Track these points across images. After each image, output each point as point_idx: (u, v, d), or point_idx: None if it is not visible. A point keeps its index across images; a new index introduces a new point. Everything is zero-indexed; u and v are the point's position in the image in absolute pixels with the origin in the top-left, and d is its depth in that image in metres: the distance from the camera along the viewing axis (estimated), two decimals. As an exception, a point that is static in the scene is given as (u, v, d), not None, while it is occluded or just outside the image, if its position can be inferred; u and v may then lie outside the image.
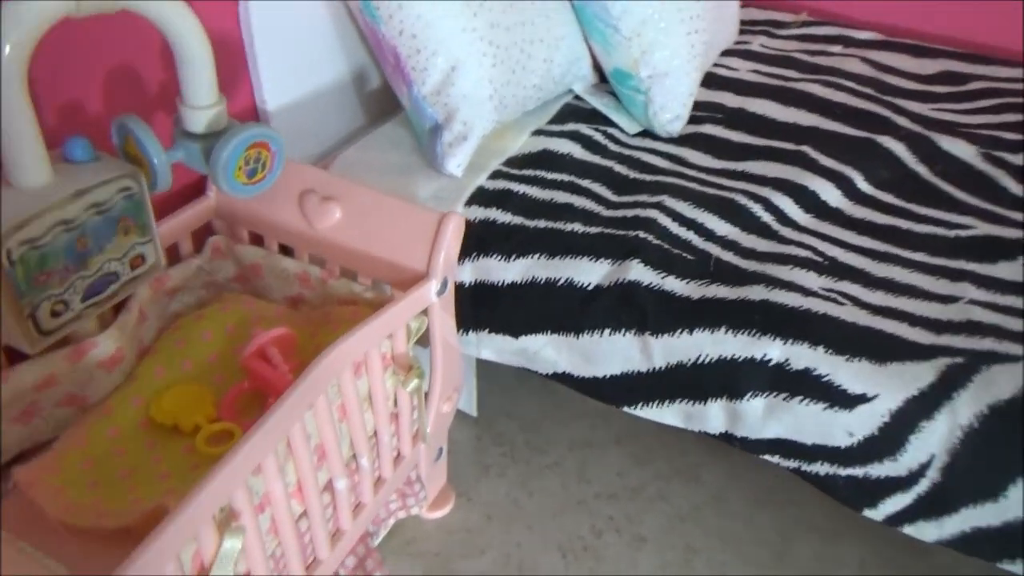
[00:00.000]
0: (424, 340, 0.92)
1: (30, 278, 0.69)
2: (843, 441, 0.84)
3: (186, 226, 0.93)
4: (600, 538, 1.08)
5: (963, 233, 1.03)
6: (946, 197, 1.11)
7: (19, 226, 0.67)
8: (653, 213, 1.01)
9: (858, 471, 0.85)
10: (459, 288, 0.99)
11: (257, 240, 0.98)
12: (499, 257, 0.97)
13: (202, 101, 0.76)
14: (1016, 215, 1.06)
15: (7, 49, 0.62)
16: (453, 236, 0.84)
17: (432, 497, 1.08)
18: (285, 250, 0.97)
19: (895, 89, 1.38)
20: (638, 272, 0.92)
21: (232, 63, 0.99)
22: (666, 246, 0.96)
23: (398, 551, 1.05)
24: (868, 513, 0.87)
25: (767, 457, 0.92)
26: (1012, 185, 1.13)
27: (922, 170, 1.16)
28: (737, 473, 1.18)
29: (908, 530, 0.86)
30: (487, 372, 1.32)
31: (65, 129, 0.82)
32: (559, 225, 0.99)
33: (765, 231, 1.02)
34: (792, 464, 0.90)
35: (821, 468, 0.88)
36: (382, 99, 1.25)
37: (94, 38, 0.83)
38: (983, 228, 1.04)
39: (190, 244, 0.95)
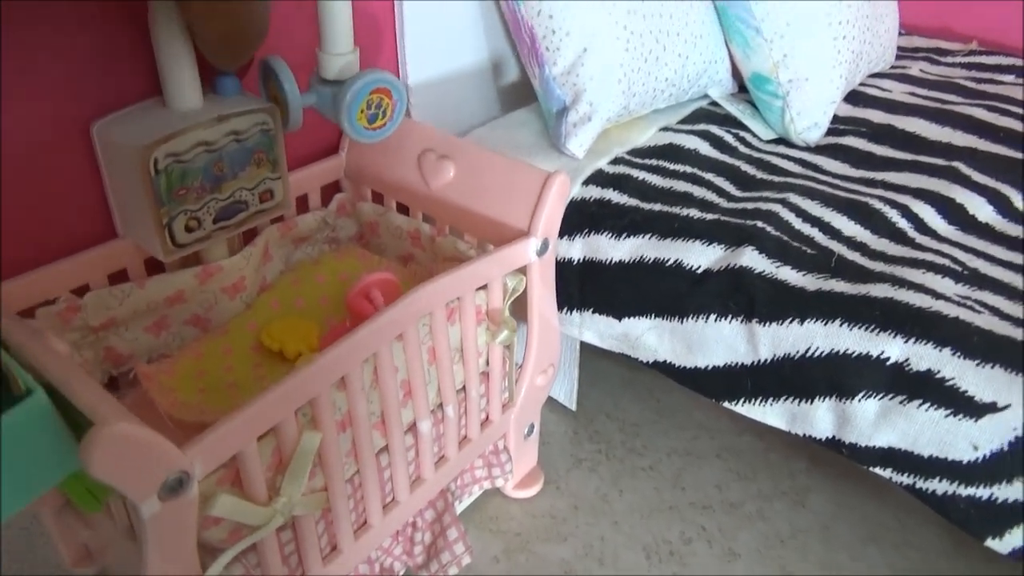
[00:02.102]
0: (523, 315, 0.93)
1: (171, 190, 0.77)
2: (966, 455, 0.76)
3: (317, 179, 1.00)
4: (689, 545, 1.02)
5: None
6: (1122, 224, 0.99)
7: (167, 139, 0.74)
8: (776, 207, 0.97)
9: (982, 492, 0.76)
10: (567, 265, 0.99)
11: (378, 200, 1.03)
12: (610, 235, 0.96)
13: (336, 49, 0.82)
14: None
15: (176, -25, 0.70)
16: (557, 196, 0.85)
17: (519, 475, 1.07)
18: (402, 210, 1.01)
19: (1074, 119, 1.26)
20: (751, 259, 0.89)
21: (382, 37, 1.06)
22: (785, 238, 0.92)
23: (480, 525, 1.04)
24: (992, 544, 0.77)
25: (879, 471, 0.84)
26: None
27: (1096, 197, 1.05)
28: (849, 504, 1.08)
29: (1040, 570, 0.75)
30: (591, 371, 1.30)
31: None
32: (675, 210, 0.97)
33: (899, 236, 0.95)
34: (906, 480, 0.82)
35: (939, 486, 0.79)
36: (518, 92, 1.29)
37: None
38: None
39: (319, 198, 1.02)
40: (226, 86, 0.81)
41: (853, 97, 1.33)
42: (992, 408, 0.74)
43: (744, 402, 0.91)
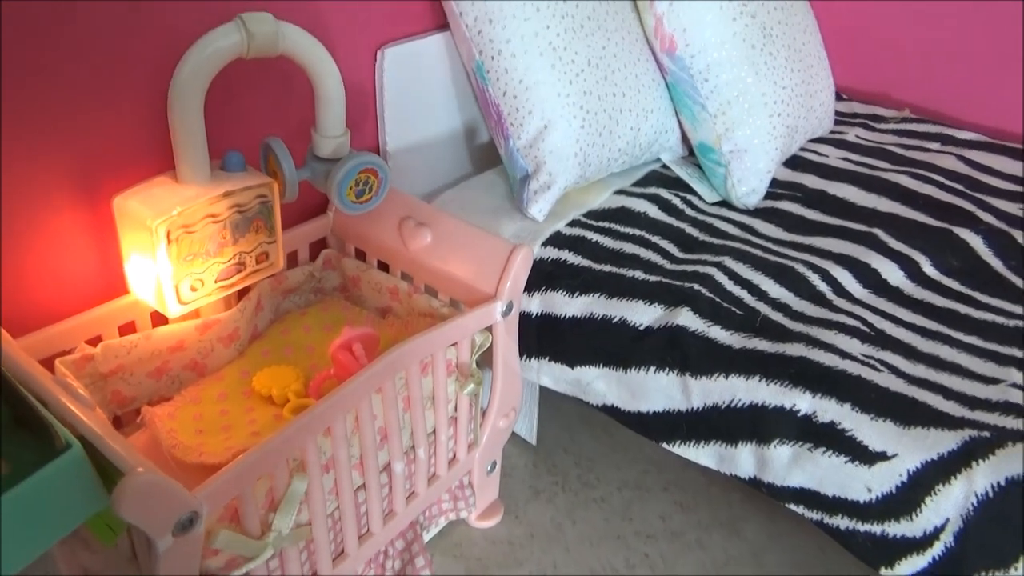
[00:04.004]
0: (489, 363, 1.05)
1: (181, 256, 0.87)
2: (862, 496, 0.89)
3: (306, 237, 1.11)
4: (632, 571, 1.14)
5: (1023, 324, 1.06)
6: (1014, 290, 1.13)
7: (179, 213, 0.85)
8: (711, 270, 1.10)
9: (876, 528, 0.89)
10: (526, 317, 1.11)
11: (360, 256, 1.15)
12: (564, 293, 1.08)
13: (331, 132, 0.94)
14: (1083, 313, 1.07)
15: (193, 77, 0.82)
16: (521, 265, 0.97)
17: (482, 507, 1.18)
18: (383, 267, 1.13)
19: (987, 187, 1.40)
20: (686, 318, 1.01)
21: (363, 107, 1.18)
22: (717, 299, 1.05)
23: (445, 551, 1.15)
24: (885, 572, 0.90)
25: (792, 507, 0.96)
26: (1088, 286, 1.14)
27: (996, 263, 1.19)
28: (779, 533, 1.21)
29: (924, 595, 0.88)
30: (550, 408, 1.42)
31: (228, 145, 1.02)
32: (622, 271, 1.10)
33: (818, 298, 1.09)
34: (815, 516, 0.94)
35: (842, 522, 0.92)
36: (486, 153, 1.42)
37: (257, 76, 1.03)
38: (1045, 322, 1.06)
39: (307, 253, 1.13)
40: (231, 162, 0.92)
41: (793, 161, 1.47)
42: (883, 456, 0.87)
43: (680, 444, 1.04)
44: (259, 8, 0.97)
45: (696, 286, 1.06)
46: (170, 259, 0.86)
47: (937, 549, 0.85)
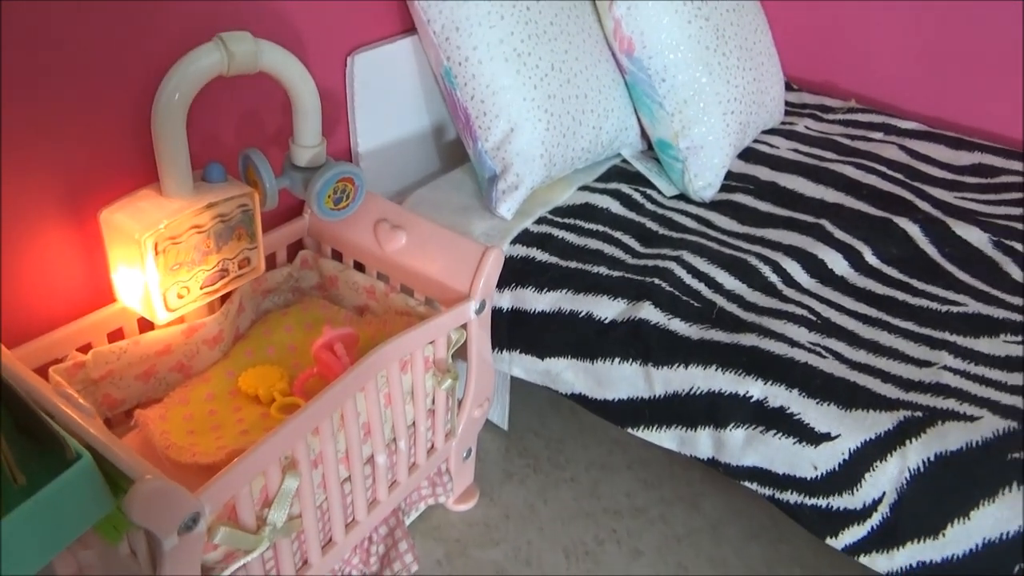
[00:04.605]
0: (463, 355, 1.11)
1: (168, 266, 0.91)
2: (808, 473, 0.97)
3: (283, 239, 1.15)
4: (601, 546, 1.22)
5: (955, 309, 1.15)
6: (948, 276, 1.23)
7: (167, 226, 0.89)
8: (671, 265, 1.17)
9: (821, 502, 0.98)
10: (498, 313, 1.17)
11: (337, 256, 1.19)
12: (533, 289, 1.15)
13: (308, 142, 0.98)
14: (1011, 298, 1.16)
15: (176, 96, 0.85)
16: (493, 266, 1.02)
17: (458, 491, 1.25)
18: (359, 267, 1.18)
19: (925, 176, 1.50)
20: (648, 312, 1.08)
21: (335, 111, 1.22)
22: (677, 293, 1.12)
23: (425, 534, 1.21)
24: (830, 541, 0.99)
25: (747, 484, 1.05)
26: (1015, 271, 1.23)
27: (931, 251, 1.28)
28: (735, 507, 1.30)
29: (864, 560, 0.97)
30: (521, 394, 1.49)
31: (207, 156, 1.05)
32: (587, 267, 1.16)
33: (769, 289, 1.17)
34: (767, 492, 1.03)
35: (791, 497, 1.00)
36: (454, 150, 1.46)
37: (236, 91, 1.06)
38: (975, 307, 1.15)
39: (284, 255, 1.17)
40: (212, 174, 0.96)
41: (746, 153, 1.54)
42: (827, 437, 0.95)
43: (643, 428, 1.11)
44: (237, 18, 1.00)
45: (656, 280, 1.13)
46: (158, 270, 0.90)
47: (875, 520, 0.94)
